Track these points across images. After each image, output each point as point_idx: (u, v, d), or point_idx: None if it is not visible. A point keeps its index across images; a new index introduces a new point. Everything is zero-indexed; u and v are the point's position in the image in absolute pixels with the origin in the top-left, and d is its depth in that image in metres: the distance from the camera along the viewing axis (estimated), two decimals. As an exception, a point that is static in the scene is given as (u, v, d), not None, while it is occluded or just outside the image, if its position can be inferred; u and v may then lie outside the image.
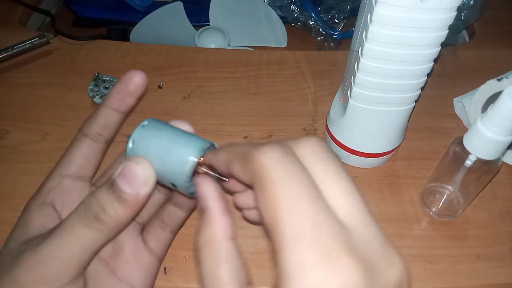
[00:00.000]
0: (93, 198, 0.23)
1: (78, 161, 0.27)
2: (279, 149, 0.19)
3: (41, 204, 0.26)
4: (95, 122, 0.28)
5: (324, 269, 0.16)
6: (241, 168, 0.20)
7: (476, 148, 0.31)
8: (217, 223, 0.21)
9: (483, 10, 0.57)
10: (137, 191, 0.22)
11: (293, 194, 0.17)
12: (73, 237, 0.22)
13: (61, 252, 0.22)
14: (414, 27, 0.29)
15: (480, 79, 0.42)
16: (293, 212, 0.17)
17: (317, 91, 0.49)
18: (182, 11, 0.61)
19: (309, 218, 0.17)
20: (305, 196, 0.17)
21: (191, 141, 0.24)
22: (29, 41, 0.50)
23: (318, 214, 0.17)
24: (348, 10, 0.60)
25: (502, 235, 0.37)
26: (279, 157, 0.18)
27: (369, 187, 0.40)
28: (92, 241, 0.23)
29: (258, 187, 0.18)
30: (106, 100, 0.28)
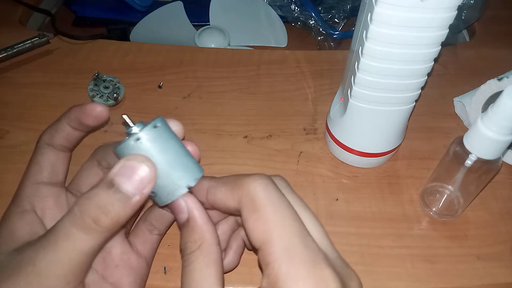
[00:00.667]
0: (88, 201, 0.21)
1: (48, 168, 0.27)
2: (266, 177, 0.22)
3: (22, 212, 0.25)
4: (56, 134, 0.28)
5: (312, 279, 0.19)
6: (228, 193, 0.22)
7: (476, 148, 0.31)
8: (206, 229, 0.23)
9: (483, 9, 0.57)
10: (140, 191, 0.22)
11: (283, 215, 0.21)
12: (71, 243, 0.21)
13: (60, 260, 0.21)
14: (415, 26, 0.29)
15: (480, 79, 0.42)
16: (285, 230, 0.20)
17: (317, 90, 0.49)
18: (182, 10, 0.61)
19: (298, 236, 0.20)
20: (293, 218, 0.21)
21: (191, 167, 0.24)
22: (29, 41, 0.50)
23: (304, 234, 0.20)
24: (348, 10, 0.60)
25: (502, 235, 0.37)
26: (268, 184, 0.22)
27: (369, 187, 0.40)
28: (91, 245, 0.22)
29: (250, 208, 0.21)
30: (65, 117, 0.28)
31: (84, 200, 0.22)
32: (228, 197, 0.23)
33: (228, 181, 0.23)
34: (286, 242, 0.20)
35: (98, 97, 0.45)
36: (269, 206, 0.21)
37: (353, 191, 0.40)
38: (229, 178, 0.23)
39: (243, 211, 0.22)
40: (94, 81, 0.46)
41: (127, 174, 0.21)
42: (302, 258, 0.19)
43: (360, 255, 0.36)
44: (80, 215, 0.21)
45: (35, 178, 0.27)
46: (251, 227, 0.21)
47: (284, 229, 0.20)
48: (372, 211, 0.38)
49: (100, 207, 0.21)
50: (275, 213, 0.21)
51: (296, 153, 0.43)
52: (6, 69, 0.49)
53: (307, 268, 0.19)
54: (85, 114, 0.27)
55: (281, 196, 0.22)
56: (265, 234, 0.20)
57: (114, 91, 0.46)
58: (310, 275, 0.19)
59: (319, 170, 0.41)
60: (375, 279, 0.34)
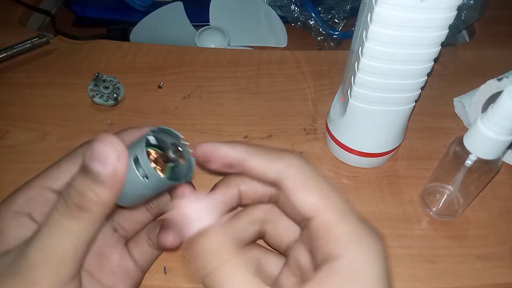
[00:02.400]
0: (70, 188, 0.22)
1: (66, 179, 0.25)
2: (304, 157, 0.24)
3: (17, 213, 0.25)
4: None
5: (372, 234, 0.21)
6: (268, 163, 0.23)
7: (476, 148, 0.31)
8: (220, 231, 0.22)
9: (483, 10, 0.57)
10: (112, 168, 0.21)
11: (329, 188, 0.23)
12: (62, 232, 0.21)
13: (54, 251, 0.21)
14: (415, 26, 0.29)
15: (480, 79, 0.42)
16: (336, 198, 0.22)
17: (317, 91, 0.49)
18: (182, 11, 0.61)
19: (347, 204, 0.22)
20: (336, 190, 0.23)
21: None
22: (29, 41, 0.50)
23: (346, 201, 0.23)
24: (348, 10, 0.60)
25: (502, 235, 0.37)
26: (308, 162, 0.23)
27: (369, 187, 0.40)
28: (82, 232, 0.22)
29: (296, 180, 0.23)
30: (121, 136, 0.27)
31: (67, 188, 0.22)
32: (268, 167, 0.23)
33: (266, 151, 0.24)
34: (342, 208, 0.22)
35: (98, 97, 0.45)
36: (315, 179, 0.23)
37: (353, 191, 0.40)
38: (267, 148, 0.24)
39: (289, 183, 0.23)
40: (94, 81, 0.46)
41: (96, 156, 0.21)
42: (356, 218, 0.22)
43: (360, 255, 0.36)
44: (65, 203, 0.21)
45: (47, 182, 0.26)
46: (300, 197, 0.22)
47: (334, 198, 0.22)
48: (372, 211, 0.38)
49: (79, 193, 0.21)
50: (321, 185, 0.23)
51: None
52: (6, 69, 0.49)
53: (363, 225, 0.22)
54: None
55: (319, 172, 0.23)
56: (318, 202, 0.22)
57: (114, 91, 0.46)
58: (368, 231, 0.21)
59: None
60: (375, 279, 0.34)
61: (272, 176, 0.23)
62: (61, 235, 0.21)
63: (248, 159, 0.24)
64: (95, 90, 0.46)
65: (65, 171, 0.26)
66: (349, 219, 0.22)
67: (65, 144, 0.42)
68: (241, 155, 0.24)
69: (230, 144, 0.25)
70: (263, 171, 0.24)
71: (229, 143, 0.25)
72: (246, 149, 0.24)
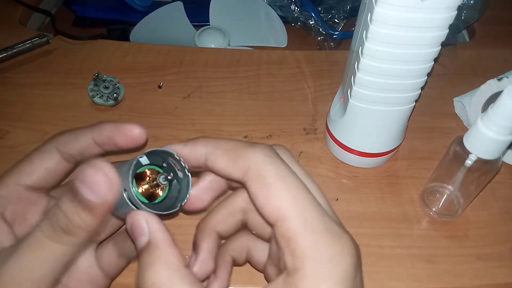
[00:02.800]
0: (58, 210, 0.21)
1: (41, 174, 0.25)
2: (270, 149, 0.21)
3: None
4: (72, 144, 0.26)
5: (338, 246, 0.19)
6: (230, 163, 0.21)
7: (476, 148, 0.31)
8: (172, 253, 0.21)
9: (483, 10, 0.57)
10: (103, 198, 0.20)
11: (295, 188, 0.20)
12: (43, 253, 0.21)
13: (32, 270, 0.21)
14: (415, 26, 0.29)
15: (480, 79, 0.42)
16: (299, 203, 0.20)
17: (317, 91, 0.49)
18: (182, 11, 0.61)
19: (312, 208, 0.20)
20: (304, 190, 0.21)
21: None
22: (29, 41, 0.50)
23: (316, 204, 0.20)
24: (348, 10, 0.60)
25: (502, 235, 0.37)
26: (274, 156, 0.21)
27: (369, 187, 0.40)
28: (64, 255, 0.21)
29: (259, 183, 0.20)
30: (94, 131, 0.26)
31: (54, 210, 0.21)
32: (231, 168, 0.22)
33: (229, 149, 0.22)
34: (303, 215, 0.20)
35: (98, 97, 0.45)
36: (280, 180, 0.20)
37: (353, 191, 0.40)
38: (229, 144, 0.22)
39: (251, 186, 0.21)
40: (94, 81, 0.46)
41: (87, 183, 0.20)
42: (321, 228, 0.20)
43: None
44: (51, 225, 0.21)
45: (20, 179, 0.25)
46: (263, 202, 0.20)
47: (298, 203, 0.20)
48: (372, 211, 0.38)
49: (68, 217, 0.21)
50: (287, 187, 0.20)
51: (296, 153, 0.43)
52: (6, 69, 0.49)
53: (329, 236, 0.19)
54: (120, 133, 0.25)
55: (288, 168, 0.21)
56: (280, 209, 0.20)
57: (114, 91, 0.46)
58: (333, 242, 0.19)
59: (319, 170, 0.41)
60: (375, 279, 0.34)
61: (236, 177, 0.22)
62: (42, 256, 0.21)
63: (209, 159, 0.22)
64: (95, 90, 0.46)
65: (39, 167, 0.25)
66: (312, 229, 0.19)
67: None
68: (201, 156, 0.23)
69: (190, 145, 0.23)
70: (226, 172, 0.22)
71: (190, 143, 0.23)
72: (206, 149, 0.23)
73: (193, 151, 0.23)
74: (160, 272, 0.20)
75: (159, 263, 0.20)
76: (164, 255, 0.21)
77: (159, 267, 0.20)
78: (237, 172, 0.21)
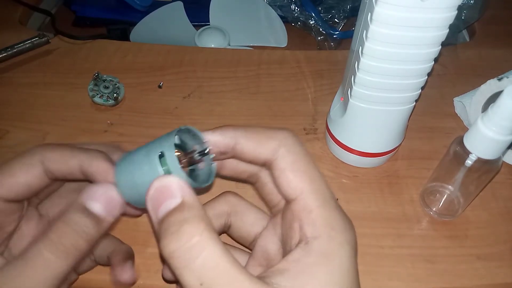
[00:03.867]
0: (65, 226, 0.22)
1: (22, 189, 0.25)
2: (294, 133, 0.24)
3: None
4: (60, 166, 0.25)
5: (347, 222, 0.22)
6: (259, 145, 0.23)
7: (476, 148, 0.31)
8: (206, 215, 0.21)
9: (483, 9, 0.57)
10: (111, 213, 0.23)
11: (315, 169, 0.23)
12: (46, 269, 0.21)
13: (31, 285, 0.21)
14: (415, 26, 0.29)
15: (480, 79, 0.42)
16: (320, 182, 0.23)
17: (317, 90, 0.49)
18: (182, 10, 0.61)
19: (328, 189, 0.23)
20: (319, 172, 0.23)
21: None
22: (29, 41, 0.50)
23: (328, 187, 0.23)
24: (348, 10, 0.60)
25: (502, 235, 0.37)
26: (298, 140, 0.24)
27: (369, 187, 0.40)
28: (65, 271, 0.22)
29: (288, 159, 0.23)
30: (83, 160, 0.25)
31: (60, 225, 0.22)
32: (259, 149, 0.23)
33: (256, 132, 0.24)
34: (322, 193, 0.22)
35: (98, 97, 0.45)
36: (302, 160, 0.23)
37: (353, 191, 0.40)
38: (257, 129, 0.24)
39: (278, 164, 0.23)
40: (94, 81, 0.46)
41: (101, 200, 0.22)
42: (334, 205, 0.22)
43: (360, 255, 0.35)
44: (58, 240, 0.21)
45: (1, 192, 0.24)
46: (287, 179, 0.22)
47: (319, 182, 0.22)
48: (372, 211, 0.38)
49: (77, 232, 0.22)
50: (311, 167, 0.23)
51: (296, 153, 0.43)
52: (6, 69, 0.49)
53: (339, 212, 0.22)
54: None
55: (306, 151, 0.24)
56: (303, 185, 0.22)
57: (114, 91, 0.46)
58: (343, 219, 0.22)
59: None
60: (375, 279, 0.34)
61: (263, 158, 0.23)
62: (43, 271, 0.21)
63: (239, 143, 0.24)
64: (95, 90, 0.46)
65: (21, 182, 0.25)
66: (328, 205, 0.22)
67: (65, 144, 0.42)
68: (231, 141, 0.24)
69: (219, 131, 0.24)
70: (254, 153, 0.23)
71: (218, 130, 0.24)
72: (235, 134, 0.24)
73: (223, 135, 0.24)
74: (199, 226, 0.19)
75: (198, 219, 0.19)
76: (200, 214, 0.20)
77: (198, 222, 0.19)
78: (266, 153, 0.23)
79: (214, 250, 0.19)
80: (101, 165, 0.25)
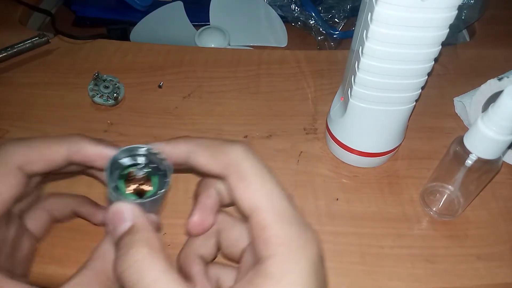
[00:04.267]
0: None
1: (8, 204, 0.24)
2: (247, 145, 0.23)
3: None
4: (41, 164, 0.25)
5: (305, 237, 0.21)
6: (212, 159, 0.23)
7: (476, 148, 0.31)
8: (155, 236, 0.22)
9: (483, 9, 0.57)
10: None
11: (270, 183, 0.22)
12: None
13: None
14: (415, 26, 0.29)
15: (480, 79, 0.42)
16: (275, 196, 0.22)
17: (317, 90, 0.49)
18: (182, 10, 0.61)
19: (286, 202, 0.22)
20: (277, 185, 0.22)
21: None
22: (29, 41, 0.50)
23: (288, 199, 0.22)
24: (348, 10, 0.60)
25: (502, 235, 0.37)
26: (252, 153, 0.23)
27: (369, 187, 0.40)
28: None
29: (237, 177, 0.22)
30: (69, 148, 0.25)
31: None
32: (212, 163, 0.23)
33: (209, 146, 0.24)
34: (277, 207, 0.21)
35: (98, 97, 0.45)
36: (257, 175, 0.22)
37: (353, 191, 0.40)
38: (209, 142, 0.24)
39: (231, 179, 0.22)
40: (94, 81, 0.46)
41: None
42: (292, 220, 0.21)
43: (360, 255, 0.36)
44: None
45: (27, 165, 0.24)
46: (241, 195, 0.22)
47: (273, 196, 0.22)
48: (372, 211, 0.38)
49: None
50: (263, 181, 0.22)
51: (296, 153, 0.43)
52: (6, 69, 0.49)
53: (298, 227, 0.21)
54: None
55: (263, 165, 0.23)
56: (257, 201, 0.21)
57: (114, 91, 0.46)
58: (301, 232, 0.21)
59: (319, 170, 0.41)
60: (375, 279, 0.34)
61: (217, 172, 0.23)
62: None
63: (191, 156, 0.24)
64: (95, 89, 0.46)
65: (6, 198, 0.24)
66: (285, 221, 0.21)
67: (65, 144, 0.42)
68: (183, 153, 0.24)
69: (173, 143, 0.24)
70: (207, 167, 0.23)
71: (172, 142, 0.24)
72: (188, 147, 0.24)
73: (175, 148, 0.24)
74: (142, 250, 0.21)
75: (142, 243, 0.21)
76: (147, 237, 0.21)
77: (142, 246, 0.21)
78: (218, 167, 0.23)
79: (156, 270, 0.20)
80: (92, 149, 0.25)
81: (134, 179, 0.25)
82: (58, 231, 0.35)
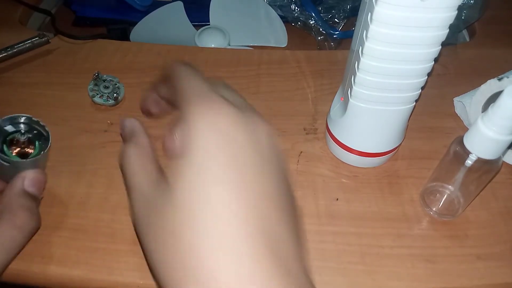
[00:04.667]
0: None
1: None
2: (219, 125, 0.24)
3: None
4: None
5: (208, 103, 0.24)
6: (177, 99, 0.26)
7: (476, 148, 0.31)
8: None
9: (483, 9, 0.57)
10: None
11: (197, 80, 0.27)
12: None
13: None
14: (415, 26, 0.29)
15: (480, 79, 0.42)
16: (200, 88, 0.26)
17: (317, 90, 0.49)
18: (182, 10, 0.61)
19: (206, 87, 0.26)
20: (204, 80, 0.27)
21: None
22: (29, 41, 0.50)
23: (211, 88, 0.26)
24: (348, 10, 0.60)
25: (502, 235, 0.37)
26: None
27: (369, 187, 0.40)
28: None
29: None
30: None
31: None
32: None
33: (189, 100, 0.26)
34: (197, 92, 0.25)
35: (98, 97, 0.45)
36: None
37: (353, 191, 0.40)
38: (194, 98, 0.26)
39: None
40: (94, 81, 0.46)
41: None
42: (204, 97, 0.24)
43: (360, 255, 0.36)
44: None
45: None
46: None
47: (199, 88, 0.25)
48: (372, 211, 0.38)
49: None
50: (189, 81, 0.26)
51: (296, 153, 0.43)
52: (6, 69, 0.49)
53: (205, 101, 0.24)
54: None
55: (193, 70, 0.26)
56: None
57: (114, 91, 0.46)
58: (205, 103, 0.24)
59: (319, 170, 0.41)
60: (375, 279, 0.34)
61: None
62: None
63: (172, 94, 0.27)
64: (95, 89, 0.46)
65: None
66: (201, 98, 0.24)
67: (65, 144, 0.42)
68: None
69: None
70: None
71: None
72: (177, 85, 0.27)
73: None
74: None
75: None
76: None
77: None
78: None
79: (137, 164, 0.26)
80: None
81: (18, 143, 0.30)
82: (58, 231, 0.35)
